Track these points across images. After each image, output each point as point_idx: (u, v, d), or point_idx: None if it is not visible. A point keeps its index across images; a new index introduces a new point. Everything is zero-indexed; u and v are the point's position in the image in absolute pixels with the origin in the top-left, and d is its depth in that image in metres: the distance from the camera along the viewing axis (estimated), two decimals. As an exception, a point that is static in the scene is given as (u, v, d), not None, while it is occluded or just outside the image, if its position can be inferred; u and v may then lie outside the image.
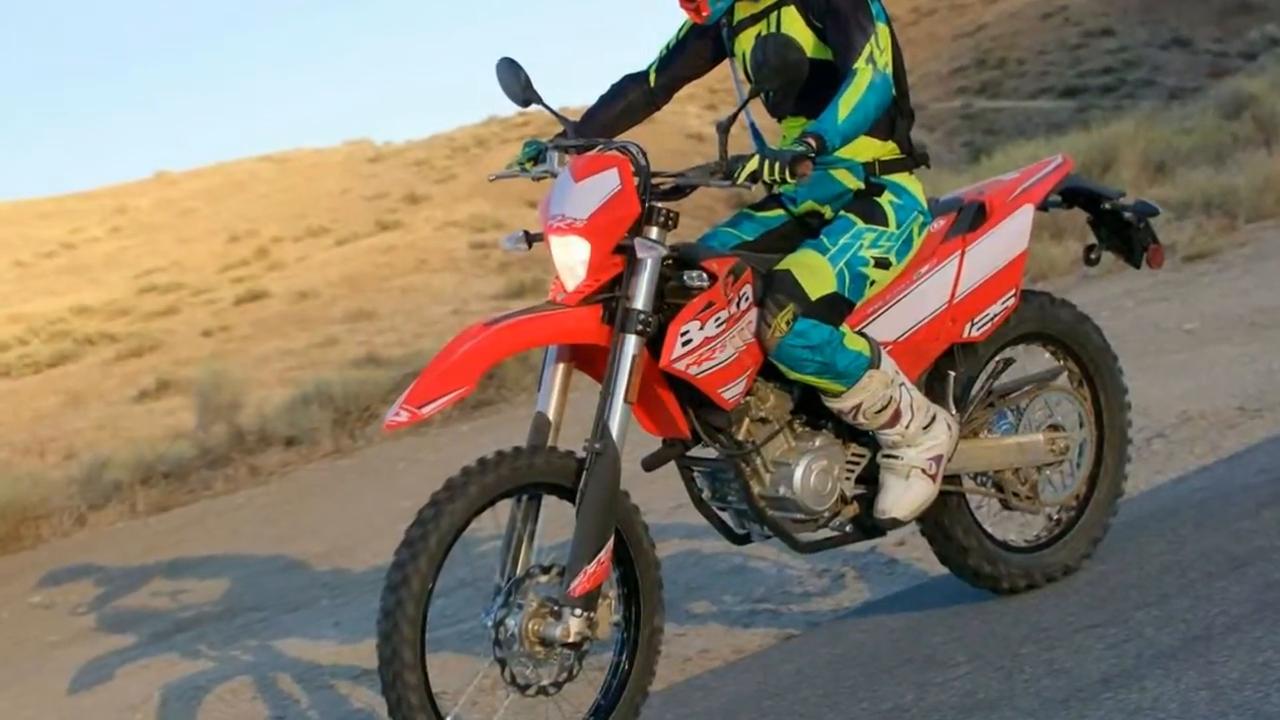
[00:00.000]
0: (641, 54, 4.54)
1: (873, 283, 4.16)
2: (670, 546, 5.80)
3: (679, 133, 40.57)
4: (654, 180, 3.95)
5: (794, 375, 4.08)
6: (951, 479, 4.41)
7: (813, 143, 3.85)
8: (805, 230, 4.29)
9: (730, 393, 3.99)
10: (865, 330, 4.20)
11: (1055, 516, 4.71)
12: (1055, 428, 4.60)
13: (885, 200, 4.21)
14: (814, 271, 4.06)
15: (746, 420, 4.12)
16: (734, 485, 4.17)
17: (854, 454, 4.29)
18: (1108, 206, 4.71)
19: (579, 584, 3.74)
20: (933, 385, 4.42)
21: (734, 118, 3.98)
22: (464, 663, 4.89)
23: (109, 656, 6.20)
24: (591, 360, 3.97)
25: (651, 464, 4.22)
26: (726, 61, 4.41)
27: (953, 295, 4.37)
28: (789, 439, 4.19)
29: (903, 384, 4.20)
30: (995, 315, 4.45)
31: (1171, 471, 5.66)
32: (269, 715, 5.01)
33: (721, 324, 3.93)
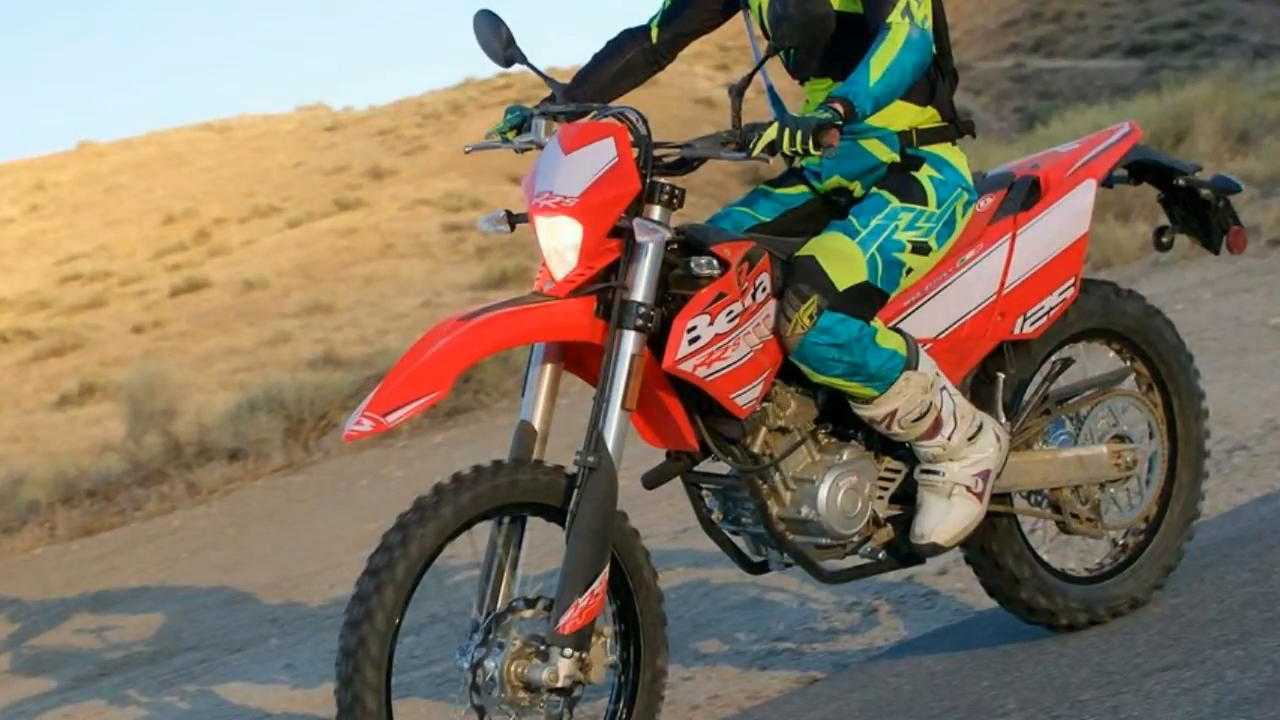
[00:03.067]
0: (643, 6, 4.54)
1: (909, 270, 4.17)
2: (675, 576, 5.80)
3: (686, 97, 40.60)
4: (656, 152, 3.96)
5: (818, 378, 4.08)
6: (1001, 498, 4.41)
7: (840, 109, 3.86)
8: (831, 210, 4.29)
9: (744, 398, 3.99)
10: (901, 326, 4.21)
11: (1121, 541, 4.71)
12: (1121, 439, 4.61)
13: (924, 175, 4.21)
14: (842, 258, 4.06)
15: (763, 430, 4.12)
16: (749, 505, 4.18)
17: (888, 469, 4.29)
18: (1182, 182, 4.72)
19: (569, 620, 3.75)
20: (979, 390, 4.43)
21: (749, 79, 3.98)
22: (436, 711, 4.90)
23: (25, 703, 6.21)
24: (583, 361, 3.98)
25: (653, 481, 4.23)
26: (740, 14, 4.42)
27: (1002, 285, 4.37)
28: (812, 452, 4.20)
29: (944, 388, 4.21)
30: (1051, 308, 4.45)
31: (1256, 489, 5.66)
32: (210, 772, 5.02)
33: (734, 318, 3.94)
